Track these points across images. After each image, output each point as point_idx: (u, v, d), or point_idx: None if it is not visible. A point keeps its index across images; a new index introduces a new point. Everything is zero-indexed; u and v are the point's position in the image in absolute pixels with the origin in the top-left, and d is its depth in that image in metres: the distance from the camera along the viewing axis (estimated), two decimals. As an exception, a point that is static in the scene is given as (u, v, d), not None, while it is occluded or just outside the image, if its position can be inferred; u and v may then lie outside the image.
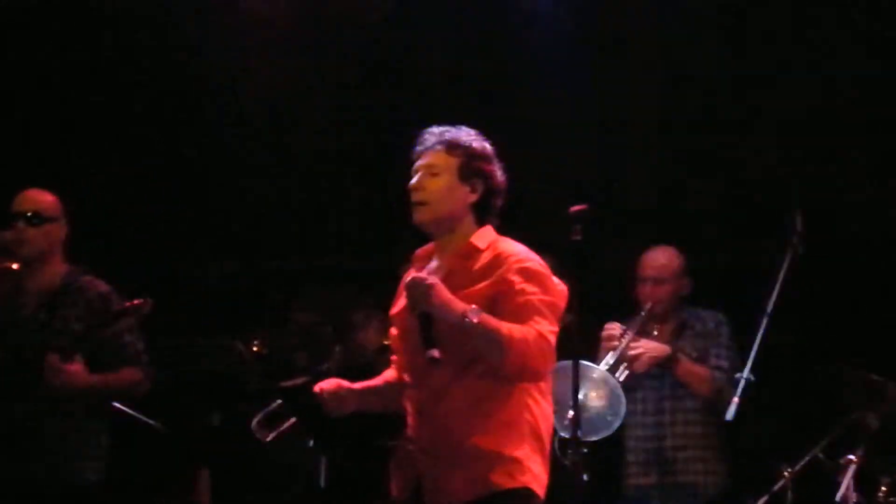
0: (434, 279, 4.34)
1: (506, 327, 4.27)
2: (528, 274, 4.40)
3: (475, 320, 4.24)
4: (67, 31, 7.75)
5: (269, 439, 6.08)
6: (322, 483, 6.76)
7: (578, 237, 4.78)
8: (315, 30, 7.68)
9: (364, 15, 7.49)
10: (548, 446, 4.48)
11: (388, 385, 4.70)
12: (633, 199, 7.50)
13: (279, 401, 6.23)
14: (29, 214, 5.64)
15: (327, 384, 4.62)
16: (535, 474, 4.38)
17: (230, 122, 7.84)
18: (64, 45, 7.76)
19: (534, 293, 4.36)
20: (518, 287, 4.37)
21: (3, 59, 7.78)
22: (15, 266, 5.69)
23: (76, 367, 5.42)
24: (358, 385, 4.66)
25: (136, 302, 5.43)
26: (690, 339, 6.41)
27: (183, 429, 6.71)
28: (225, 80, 7.71)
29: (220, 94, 7.79)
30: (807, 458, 5.90)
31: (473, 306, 4.27)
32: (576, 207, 4.84)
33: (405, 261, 7.00)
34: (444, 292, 4.29)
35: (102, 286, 5.70)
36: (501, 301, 4.36)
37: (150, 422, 6.19)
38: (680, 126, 7.48)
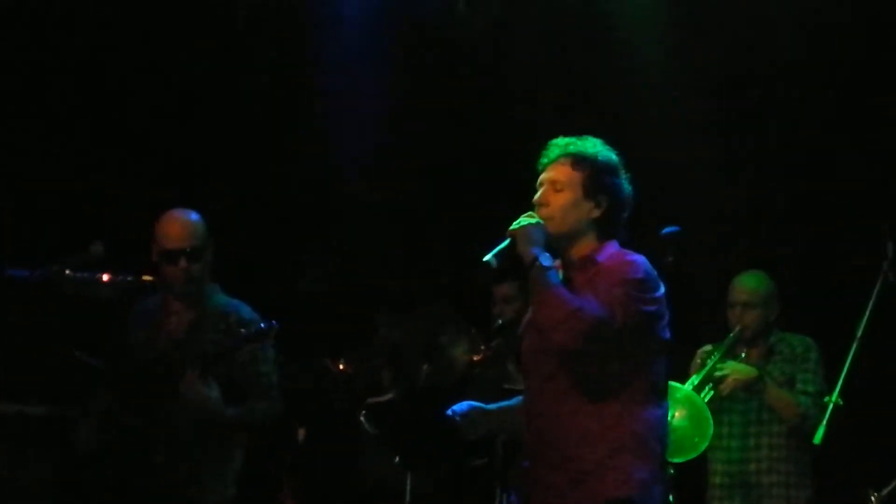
0: (540, 222, 4.39)
1: (560, 291, 4.28)
2: (623, 280, 4.35)
3: (544, 264, 4.28)
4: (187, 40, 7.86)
5: (376, 431, 6.05)
6: (407, 499, 6.79)
7: (671, 259, 4.80)
8: (420, 41, 7.76)
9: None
10: (660, 455, 4.42)
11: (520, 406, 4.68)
12: (729, 221, 7.48)
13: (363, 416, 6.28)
14: (188, 251, 5.34)
15: (460, 407, 4.65)
16: (642, 484, 4.33)
17: (327, 135, 7.92)
18: (184, 54, 7.87)
19: (613, 288, 4.31)
20: (606, 282, 4.35)
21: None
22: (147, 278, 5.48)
23: (213, 393, 5.18)
24: (491, 406, 4.68)
25: (262, 327, 5.25)
26: (778, 363, 6.40)
27: (268, 445, 6.76)
28: (335, 93, 7.79)
29: (328, 105, 7.88)
30: (894, 483, 5.89)
31: (554, 263, 4.31)
32: (668, 230, 4.87)
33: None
34: (539, 236, 4.35)
35: (247, 312, 5.46)
36: None
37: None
38: (775, 147, 7.48)
